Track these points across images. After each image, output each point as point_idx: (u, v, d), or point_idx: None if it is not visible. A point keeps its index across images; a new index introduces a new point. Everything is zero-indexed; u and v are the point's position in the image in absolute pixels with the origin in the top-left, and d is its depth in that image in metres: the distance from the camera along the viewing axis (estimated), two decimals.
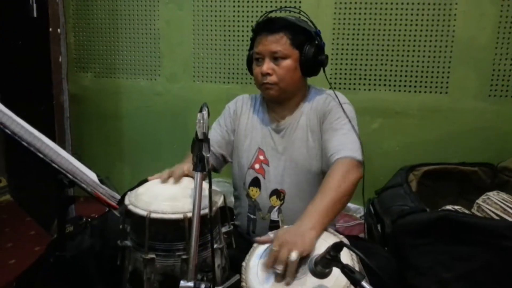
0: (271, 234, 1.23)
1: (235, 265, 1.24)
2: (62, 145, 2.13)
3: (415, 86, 2.27)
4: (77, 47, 2.70)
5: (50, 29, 1.99)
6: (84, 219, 1.74)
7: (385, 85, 2.31)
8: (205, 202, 1.15)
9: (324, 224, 1.24)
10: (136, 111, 2.67)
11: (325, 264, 1.00)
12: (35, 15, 2.02)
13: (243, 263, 1.25)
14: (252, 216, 1.60)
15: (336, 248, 0.94)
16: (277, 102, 1.57)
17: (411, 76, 2.27)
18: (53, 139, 2.23)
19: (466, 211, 1.71)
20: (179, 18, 2.53)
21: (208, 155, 0.97)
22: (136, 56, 2.64)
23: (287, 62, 1.46)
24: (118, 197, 1.10)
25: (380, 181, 2.16)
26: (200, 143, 1.05)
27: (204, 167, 1.05)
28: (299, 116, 1.54)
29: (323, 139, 1.49)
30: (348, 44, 2.32)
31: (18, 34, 2.43)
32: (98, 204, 1.20)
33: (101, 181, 1.18)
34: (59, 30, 2.02)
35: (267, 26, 1.48)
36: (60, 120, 2.12)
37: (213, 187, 1.27)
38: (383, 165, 2.32)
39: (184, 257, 1.11)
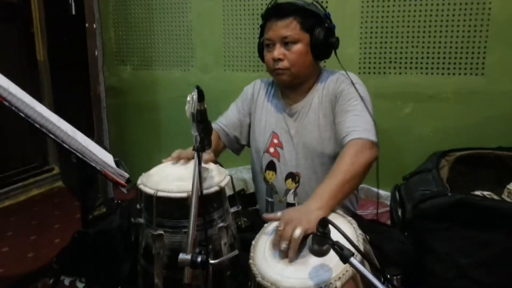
0: (279, 213, 1.26)
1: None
2: (100, 133, 2.28)
3: (448, 68, 2.17)
4: (117, 41, 2.85)
5: (87, 25, 2.13)
6: (116, 201, 1.87)
7: (416, 68, 2.23)
8: (210, 182, 1.21)
9: (331, 205, 1.24)
10: (171, 101, 2.78)
11: (318, 242, 1.01)
12: (74, 12, 2.17)
13: (253, 242, 1.30)
14: (269, 199, 1.63)
15: (322, 224, 0.95)
16: (290, 87, 1.58)
17: (444, 57, 2.17)
18: (91, 128, 2.41)
19: (495, 197, 1.63)
20: (209, 10, 2.59)
21: (196, 134, 1.01)
22: (170, 48, 2.74)
23: (298, 47, 1.47)
24: (127, 176, 1.18)
25: (412, 168, 2.10)
26: (197, 123, 1.11)
27: (203, 148, 1.10)
28: (311, 99, 1.55)
29: (335, 122, 1.48)
30: (377, 27, 2.26)
31: (61, 31, 2.63)
32: None
33: (116, 162, 1.27)
34: (94, 25, 2.15)
35: (276, 11, 1.49)
36: (97, 110, 2.27)
37: (219, 168, 1.34)
38: (415, 151, 2.25)
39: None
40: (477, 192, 1.71)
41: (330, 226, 0.97)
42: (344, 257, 0.95)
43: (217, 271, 1.21)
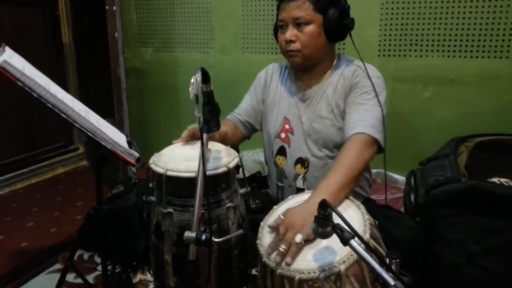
0: (282, 216, 1.26)
1: None
2: (119, 113, 2.34)
3: (471, 51, 2.10)
4: (139, 23, 2.88)
5: (107, 7, 2.16)
6: (133, 180, 1.93)
7: (437, 50, 2.17)
8: (217, 163, 1.24)
9: (337, 200, 1.25)
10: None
11: (320, 224, 1.02)
12: None
13: (261, 223, 1.33)
14: (280, 184, 1.65)
15: (322, 206, 0.96)
16: (303, 70, 1.56)
17: (467, 40, 2.10)
18: (111, 108, 2.47)
19: None
20: None
21: (199, 115, 1.03)
22: (190, 30, 2.76)
23: (310, 28, 1.45)
24: (137, 155, 1.22)
25: (431, 153, 2.06)
26: (206, 105, 1.13)
27: (210, 129, 1.12)
28: (325, 86, 1.53)
29: (346, 112, 1.47)
30: (398, 8, 2.21)
31: (84, 13, 2.68)
32: None
33: (128, 142, 1.31)
34: (114, 7, 2.18)
35: None
36: (117, 91, 2.32)
37: (229, 149, 1.36)
38: (435, 136, 2.21)
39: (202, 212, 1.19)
40: (494, 179, 1.67)
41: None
42: (345, 239, 0.96)
43: (224, 250, 1.24)
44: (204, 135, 1.11)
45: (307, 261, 1.12)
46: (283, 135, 1.61)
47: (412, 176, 1.88)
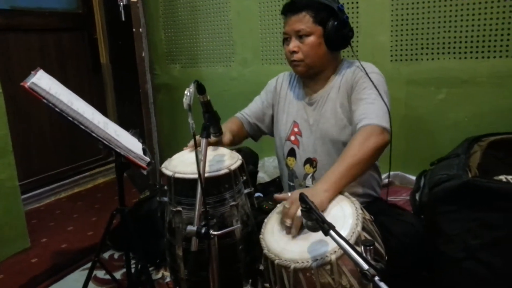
0: (288, 193, 1.36)
1: None
2: (148, 125, 2.53)
3: (483, 52, 2.11)
4: (167, 42, 3.09)
5: (134, 30, 2.37)
6: (157, 186, 2.10)
7: (449, 52, 2.20)
8: (220, 165, 1.36)
9: (338, 187, 1.33)
10: (216, 95, 2.88)
11: (307, 217, 1.12)
12: (123, 19, 2.43)
13: (265, 220, 1.44)
14: (291, 184, 1.75)
15: (302, 200, 1.06)
16: (309, 77, 1.67)
17: (478, 41, 2.11)
18: (141, 120, 2.66)
19: None
20: (247, 8, 2.74)
21: (192, 122, 1.16)
22: (213, 46, 2.93)
23: (310, 39, 1.56)
24: (148, 160, 1.37)
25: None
26: (205, 114, 1.26)
27: (209, 135, 1.25)
28: (329, 89, 1.63)
29: (351, 110, 1.55)
30: (408, 14, 2.26)
31: (117, 36, 2.92)
32: None
33: (143, 150, 1.47)
34: (141, 29, 2.38)
35: (290, 7, 1.60)
36: (146, 105, 2.52)
37: (233, 153, 1.48)
38: (450, 137, 2.21)
39: (202, 210, 1.33)
40: (501, 177, 1.69)
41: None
42: (324, 230, 1.05)
43: (230, 245, 1.36)
44: (204, 140, 1.24)
45: (303, 252, 1.21)
46: (292, 137, 1.72)
47: (423, 176, 1.92)
